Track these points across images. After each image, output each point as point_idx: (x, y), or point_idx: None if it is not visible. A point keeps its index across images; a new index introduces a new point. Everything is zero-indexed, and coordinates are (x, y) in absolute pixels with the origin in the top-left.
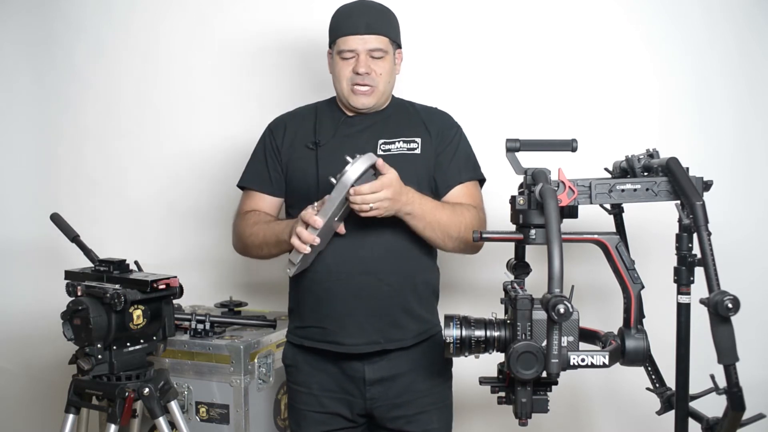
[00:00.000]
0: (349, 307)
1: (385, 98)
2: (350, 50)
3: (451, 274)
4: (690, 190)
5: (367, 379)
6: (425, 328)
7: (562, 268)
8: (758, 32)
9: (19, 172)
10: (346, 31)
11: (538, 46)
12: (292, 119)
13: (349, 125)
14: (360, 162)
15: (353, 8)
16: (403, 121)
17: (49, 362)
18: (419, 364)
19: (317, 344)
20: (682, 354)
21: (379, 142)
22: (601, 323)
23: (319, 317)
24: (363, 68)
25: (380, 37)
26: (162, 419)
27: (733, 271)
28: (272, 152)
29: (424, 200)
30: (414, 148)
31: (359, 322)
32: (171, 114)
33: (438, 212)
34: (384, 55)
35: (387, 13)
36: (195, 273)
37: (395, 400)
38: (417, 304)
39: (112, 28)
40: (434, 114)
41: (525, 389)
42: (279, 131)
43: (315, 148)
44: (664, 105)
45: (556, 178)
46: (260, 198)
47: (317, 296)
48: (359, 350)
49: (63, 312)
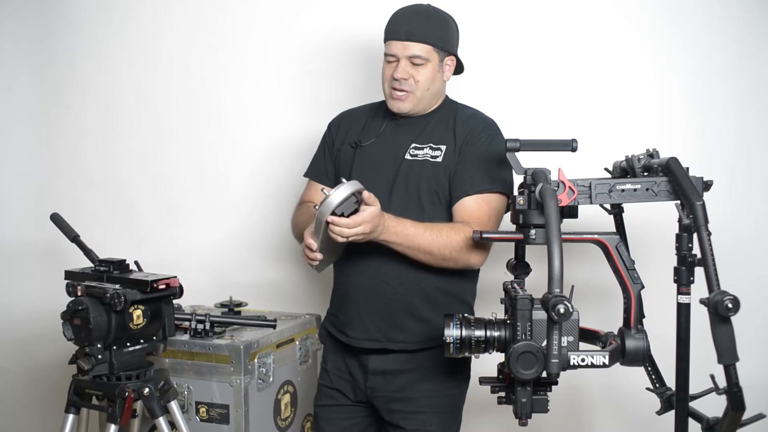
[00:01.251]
0: (357, 304)
1: (424, 104)
2: (392, 54)
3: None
4: (690, 190)
5: (370, 368)
6: (438, 334)
7: (562, 268)
8: (758, 32)
9: (19, 172)
10: (389, 36)
11: (538, 46)
12: (350, 116)
13: (393, 127)
14: (341, 189)
15: (401, 13)
16: (440, 127)
17: (49, 362)
18: (426, 364)
19: (333, 331)
20: (682, 354)
21: (411, 146)
22: (601, 323)
23: (337, 308)
24: (400, 74)
25: (421, 45)
26: (162, 419)
27: (733, 271)
28: (329, 145)
29: (401, 227)
30: (437, 156)
31: (363, 319)
32: (170, 114)
33: (417, 239)
34: (424, 62)
35: (436, 21)
36: (195, 273)
37: (394, 394)
38: (428, 310)
39: (112, 28)
40: (469, 119)
41: (525, 389)
42: (336, 126)
43: (356, 147)
44: (664, 105)
45: (556, 178)
46: (315, 188)
47: (338, 288)
48: (360, 344)
49: (63, 312)
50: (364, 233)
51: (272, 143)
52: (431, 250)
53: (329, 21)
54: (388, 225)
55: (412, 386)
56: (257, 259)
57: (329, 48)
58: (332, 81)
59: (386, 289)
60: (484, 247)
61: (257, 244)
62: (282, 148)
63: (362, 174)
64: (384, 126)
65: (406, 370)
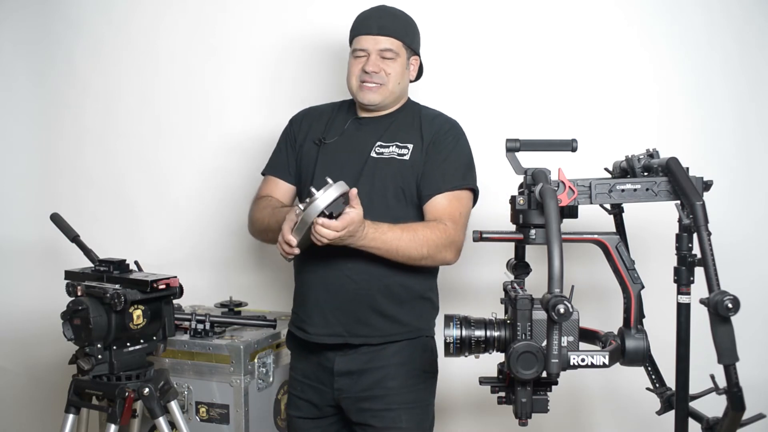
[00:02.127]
0: (318, 298)
1: (393, 98)
2: (362, 49)
3: (451, 273)
4: (690, 190)
5: (335, 370)
6: (401, 330)
7: (562, 268)
8: (758, 32)
9: (19, 172)
10: (360, 32)
11: (538, 46)
12: (312, 113)
13: (357, 126)
14: (331, 191)
15: (372, 11)
16: (404, 126)
17: (49, 362)
18: (393, 362)
19: (294, 329)
20: (682, 354)
21: (376, 144)
22: (601, 323)
23: (297, 304)
24: (371, 66)
25: (391, 39)
26: (162, 419)
27: (733, 271)
28: (291, 141)
29: (379, 233)
30: (404, 154)
31: (324, 314)
32: (170, 114)
33: (394, 242)
34: (395, 56)
35: (403, 19)
36: (195, 273)
37: (362, 393)
38: (390, 305)
39: (112, 28)
40: (434, 119)
41: (525, 389)
42: (298, 123)
43: (319, 145)
44: (664, 105)
45: (556, 178)
46: (275, 183)
47: (298, 284)
48: (321, 340)
49: (63, 312)
50: (341, 238)
51: (273, 143)
52: (409, 253)
53: (330, 21)
54: (367, 231)
55: (379, 384)
56: (257, 259)
57: (329, 48)
58: (333, 81)
59: (349, 284)
60: (458, 244)
61: (257, 244)
62: None
63: (327, 171)
64: (348, 124)
65: (371, 369)
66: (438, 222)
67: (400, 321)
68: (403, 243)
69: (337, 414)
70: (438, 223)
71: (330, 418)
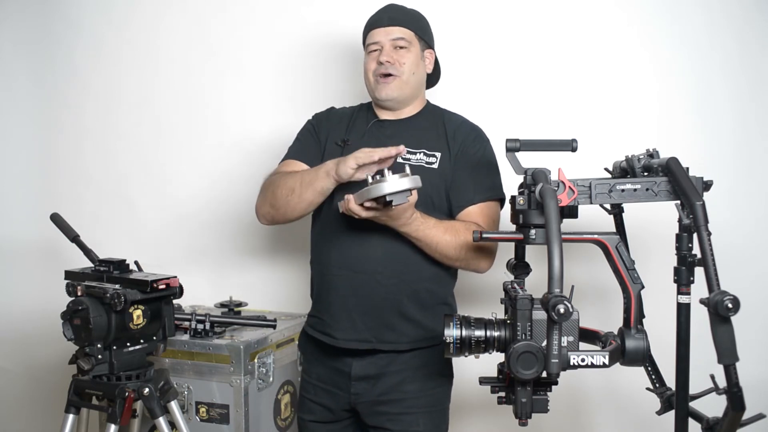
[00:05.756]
0: (345, 302)
1: (410, 91)
2: (375, 42)
3: None
4: (690, 190)
5: (352, 374)
6: (425, 335)
7: (562, 268)
8: (758, 32)
9: (19, 172)
10: (371, 27)
11: (538, 46)
12: (333, 116)
13: (379, 129)
14: (407, 180)
15: (381, 9)
16: (429, 133)
17: (49, 362)
18: (411, 365)
19: (315, 334)
20: (682, 354)
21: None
22: (601, 323)
23: (320, 308)
24: (385, 57)
25: (402, 28)
26: (162, 419)
27: (733, 271)
28: (315, 134)
29: (424, 225)
30: (432, 162)
31: (352, 319)
32: (170, 114)
33: (436, 238)
34: (408, 45)
35: (413, 13)
36: (195, 273)
37: (379, 397)
38: (416, 310)
39: (112, 28)
40: (461, 127)
41: (525, 389)
42: (322, 120)
43: (342, 146)
44: (664, 105)
45: (556, 178)
46: (295, 164)
47: (321, 287)
48: (349, 345)
49: (63, 312)
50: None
51: (273, 143)
52: (447, 252)
53: (330, 21)
54: (415, 219)
55: (397, 388)
56: (257, 259)
57: (330, 47)
58: (334, 81)
59: (378, 288)
60: (494, 255)
61: (257, 244)
62: (282, 149)
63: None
64: (370, 126)
65: (389, 373)
66: (477, 225)
67: (424, 326)
68: (443, 242)
69: (351, 417)
70: (477, 227)
71: (344, 421)
